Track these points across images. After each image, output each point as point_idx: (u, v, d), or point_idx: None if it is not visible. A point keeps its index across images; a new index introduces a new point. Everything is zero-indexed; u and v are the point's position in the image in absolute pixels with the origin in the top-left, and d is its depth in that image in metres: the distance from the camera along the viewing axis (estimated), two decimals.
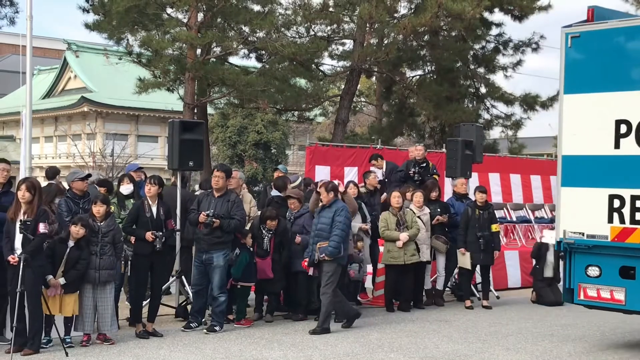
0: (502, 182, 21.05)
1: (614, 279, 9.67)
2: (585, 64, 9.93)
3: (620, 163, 9.55)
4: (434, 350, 9.95)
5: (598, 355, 9.69)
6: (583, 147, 9.92)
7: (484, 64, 27.52)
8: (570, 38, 9.97)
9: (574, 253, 10.02)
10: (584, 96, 9.89)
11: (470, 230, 13.53)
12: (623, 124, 9.52)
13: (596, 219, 9.72)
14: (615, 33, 9.75)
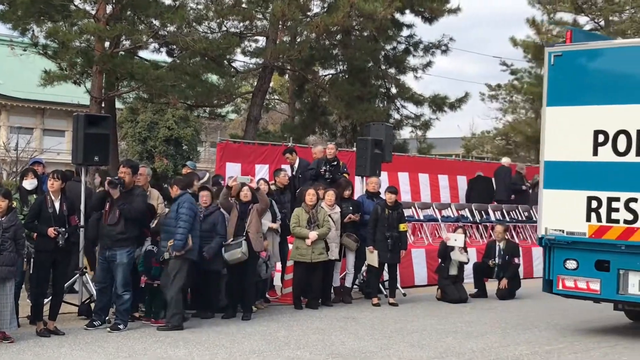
0: (411, 181, 21.33)
1: (590, 271, 10.80)
2: (566, 80, 11.10)
3: (598, 168, 10.75)
4: (340, 347, 10.00)
5: (499, 352, 9.90)
6: (564, 154, 11.09)
7: (395, 64, 27.85)
8: (553, 57, 11.17)
9: (554, 248, 11.16)
10: (565, 108, 11.09)
11: (379, 229, 13.66)
12: (601, 134, 10.72)
13: (575, 218, 10.88)
14: (593, 54, 11.15)
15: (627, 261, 10.56)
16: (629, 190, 10.52)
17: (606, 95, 10.76)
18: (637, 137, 10.46)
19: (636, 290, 10.48)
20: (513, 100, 39.76)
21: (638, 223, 10.44)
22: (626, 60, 10.81)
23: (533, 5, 32.19)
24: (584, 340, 10.86)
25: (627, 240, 10.48)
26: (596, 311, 13.55)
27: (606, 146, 10.70)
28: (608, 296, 10.80)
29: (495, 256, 15.38)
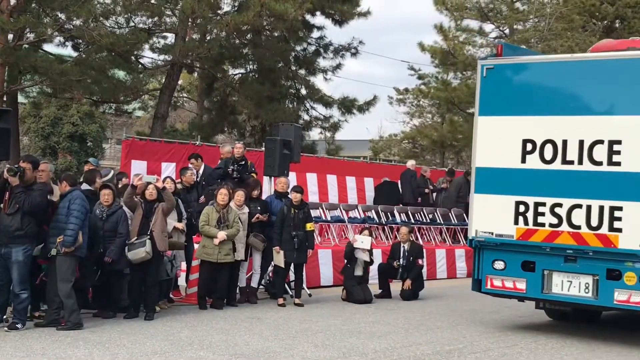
0: (319, 182, 21.45)
1: (517, 271, 11.45)
2: (497, 91, 11.70)
3: (526, 175, 11.38)
4: (244, 347, 9.95)
5: (401, 352, 10.03)
6: (494, 161, 11.70)
7: (305, 65, 27.98)
8: (485, 69, 11.74)
9: (483, 249, 11.78)
10: (496, 118, 11.71)
11: (286, 228, 13.66)
12: (529, 142, 11.36)
13: (504, 221, 11.49)
14: (522, 67, 11.84)
15: (551, 262, 11.23)
16: (554, 196, 11.16)
17: (534, 106, 11.38)
18: (562, 147, 11.09)
19: (559, 290, 11.18)
20: (420, 104, 40.43)
21: (562, 227, 11.06)
22: (552, 75, 11.48)
23: (441, 12, 32.79)
24: (485, 340, 11.10)
25: (552, 243, 11.14)
26: (501, 312, 13.89)
27: (534, 154, 11.32)
28: (533, 295, 11.46)
29: (399, 257, 15.58)
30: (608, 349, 10.74)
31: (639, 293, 10.51)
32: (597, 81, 11.02)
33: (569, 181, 11.08)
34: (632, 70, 10.74)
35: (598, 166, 10.86)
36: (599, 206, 10.82)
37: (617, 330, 12.36)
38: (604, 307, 11.41)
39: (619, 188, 10.68)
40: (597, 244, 10.82)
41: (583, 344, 11.06)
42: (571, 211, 11.03)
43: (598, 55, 11.55)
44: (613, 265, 10.75)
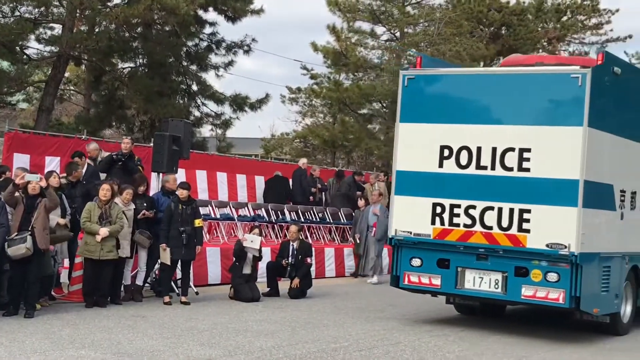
0: (209, 179, 21.26)
1: (433, 268, 12.22)
2: (417, 100, 12.51)
3: (443, 179, 12.13)
4: (127, 345, 9.76)
5: (288, 350, 10.04)
6: (414, 165, 12.45)
7: (197, 61, 27.65)
8: (407, 79, 12.51)
9: (402, 247, 12.49)
10: (416, 125, 12.46)
11: (174, 225, 13.49)
12: (446, 149, 12.12)
13: (421, 221, 12.21)
14: (441, 78, 12.70)
15: (464, 260, 12.01)
16: (468, 199, 11.92)
17: (451, 115, 12.16)
18: (477, 153, 11.90)
19: (471, 285, 11.98)
20: (312, 104, 40.60)
21: (475, 227, 11.84)
22: (468, 86, 12.34)
23: (334, 13, 33.00)
24: (370, 338, 11.24)
25: (466, 242, 11.93)
26: (386, 311, 14.10)
27: (450, 160, 12.09)
28: (447, 290, 12.32)
29: (288, 256, 15.60)
30: (489, 346, 11.04)
31: (543, 289, 11.37)
32: (509, 93, 11.83)
33: (483, 185, 11.83)
34: (540, 84, 11.64)
35: (509, 172, 11.66)
36: (509, 208, 11.60)
37: (507, 327, 12.72)
38: (512, 302, 12.24)
39: (528, 192, 11.47)
40: (507, 244, 11.60)
41: (465, 342, 11.33)
42: (484, 213, 11.78)
43: (509, 69, 12.48)
44: (521, 263, 11.57)
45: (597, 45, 48.61)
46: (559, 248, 11.20)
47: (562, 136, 11.34)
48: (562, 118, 11.42)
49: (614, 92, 11.92)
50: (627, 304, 12.83)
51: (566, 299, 11.24)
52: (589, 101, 11.13)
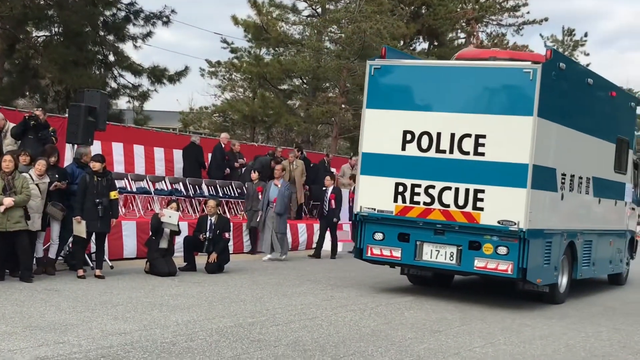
0: (126, 152, 20.91)
1: (394, 242, 13.33)
2: (382, 88, 13.55)
3: (405, 161, 13.18)
4: (39, 319, 9.54)
5: (204, 324, 9.98)
6: (379, 148, 13.49)
7: (114, 31, 27.11)
8: (373, 68, 13.54)
9: (366, 223, 13.56)
10: (381, 111, 13.51)
11: (88, 197, 13.23)
12: (409, 133, 13.21)
13: (385, 199, 13.29)
14: (404, 69, 13.70)
15: (423, 234, 13.18)
16: (428, 179, 13.05)
17: (414, 103, 13.32)
18: (437, 138, 13.01)
19: (428, 257, 13.17)
20: (232, 78, 40.26)
21: (434, 205, 13.01)
22: (430, 76, 13.44)
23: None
24: (287, 313, 11.25)
25: (425, 218, 13.09)
26: (303, 285, 14.14)
27: (412, 144, 13.18)
28: (407, 262, 13.44)
29: (206, 230, 15.49)
30: (404, 321, 11.19)
31: (494, 261, 12.65)
32: (467, 84, 13.01)
33: (442, 167, 12.96)
34: (495, 77, 12.92)
35: (466, 155, 12.81)
36: (465, 189, 12.80)
37: (448, 297, 12.94)
38: (465, 272, 13.49)
39: (483, 174, 12.69)
40: (463, 220, 12.81)
41: (381, 317, 11.46)
42: (442, 192, 12.95)
43: (468, 63, 13.46)
44: (474, 237, 12.80)
45: (514, 28, 49.54)
46: (509, 225, 12.44)
47: (514, 124, 12.53)
48: (514, 108, 12.59)
49: (559, 85, 13.14)
50: (563, 276, 14.21)
51: (514, 270, 12.48)
52: (539, 93, 12.33)
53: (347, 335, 9.84)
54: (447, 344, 9.75)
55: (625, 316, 13.28)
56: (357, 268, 17.44)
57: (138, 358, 7.93)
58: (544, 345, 10.09)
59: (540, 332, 11.10)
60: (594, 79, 14.76)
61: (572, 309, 13.54)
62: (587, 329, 11.64)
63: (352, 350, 8.98)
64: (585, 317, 12.72)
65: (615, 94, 16.09)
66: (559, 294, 14.11)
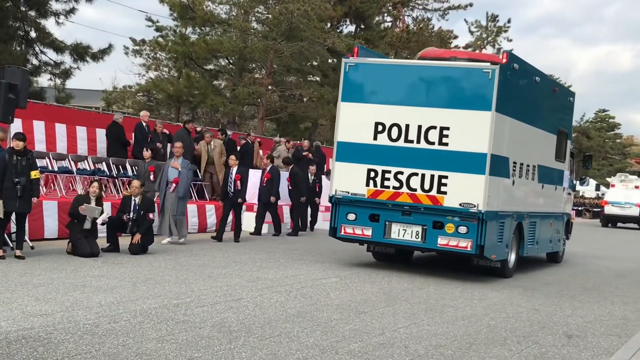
0: (47, 130, 20.49)
1: (365, 221, 14.82)
2: (355, 83, 15.00)
3: (377, 149, 14.64)
4: None
5: (128, 305, 9.85)
6: (352, 137, 14.95)
7: (36, 7, 26.45)
8: (347, 66, 15.00)
9: (340, 204, 15.05)
10: (355, 105, 14.96)
11: (7, 176, 12.91)
12: (380, 124, 14.68)
13: (358, 183, 14.78)
14: (375, 67, 15.13)
15: (391, 215, 14.62)
16: (397, 166, 14.48)
17: (385, 97, 14.69)
18: (405, 129, 14.44)
19: (396, 236, 14.65)
20: (157, 57, 39.69)
21: (402, 189, 14.44)
22: (398, 74, 14.81)
23: None
24: (212, 294, 11.20)
25: (394, 201, 14.53)
26: (229, 267, 14.08)
27: (383, 134, 14.62)
28: (377, 239, 14.89)
29: (130, 211, 15.29)
30: (330, 302, 11.26)
31: (455, 239, 14.17)
32: (433, 81, 14.51)
33: (410, 155, 14.38)
34: (458, 75, 14.32)
35: (431, 145, 14.25)
36: (430, 175, 14.25)
37: (387, 276, 13.04)
38: (429, 249, 14.95)
39: (446, 162, 14.13)
40: (428, 203, 14.28)
41: (306, 298, 11.51)
42: (410, 178, 14.39)
43: (433, 62, 14.91)
44: (438, 218, 14.30)
45: (440, 12, 50.10)
46: (470, 207, 13.95)
47: (474, 118, 13.99)
48: (474, 103, 14.02)
49: (512, 83, 14.64)
50: (512, 253, 15.88)
51: (473, 247, 14.06)
52: (497, 91, 13.84)
53: (273, 316, 9.86)
54: (372, 324, 9.86)
55: (545, 297, 13.63)
56: (281, 250, 17.48)
57: (60, 340, 7.80)
58: (467, 326, 10.28)
59: (462, 312, 11.31)
60: (540, 77, 16.23)
61: (492, 290, 13.85)
62: (507, 309, 11.91)
63: (278, 331, 9.00)
64: (505, 299, 13.01)
65: (557, 90, 17.94)
66: (508, 269, 15.74)
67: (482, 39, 64.01)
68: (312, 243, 19.50)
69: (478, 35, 64.32)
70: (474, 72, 14.16)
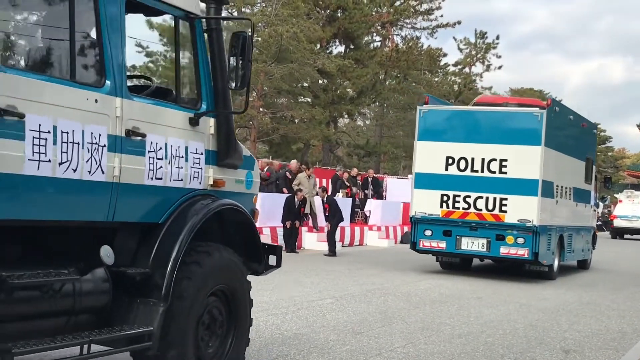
0: None
1: (439, 236, 18.24)
2: (429, 125, 18.40)
3: (448, 178, 18.10)
4: None
5: None
6: (427, 168, 18.38)
7: None
8: (422, 112, 18.44)
9: (418, 223, 18.42)
10: (428, 142, 18.37)
11: None
12: (450, 158, 18.10)
13: (433, 205, 18.22)
14: (444, 112, 18.77)
15: (461, 231, 18.04)
16: (465, 191, 17.92)
17: (452, 136, 18.09)
18: (471, 161, 17.89)
19: (465, 247, 18.06)
20: None
21: (470, 209, 17.88)
22: (463, 117, 18.43)
23: None
24: None
25: (463, 219, 17.96)
26: None
27: (453, 165, 18.06)
28: (450, 250, 18.31)
29: None
30: (326, 324, 11.21)
31: (514, 248, 17.66)
32: (492, 123, 17.92)
33: (475, 182, 17.81)
34: (513, 118, 17.96)
35: (493, 174, 17.74)
36: (493, 197, 17.71)
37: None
38: (492, 257, 18.56)
39: (505, 187, 17.59)
40: (491, 219, 17.74)
41: (302, 320, 11.45)
42: (476, 200, 17.84)
43: (492, 108, 18.54)
44: (500, 232, 17.77)
45: (429, 31, 50.28)
46: (526, 222, 17.44)
47: (527, 151, 17.47)
48: (527, 140, 17.48)
49: (555, 122, 18.13)
50: (556, 259, 19.15)
51: (530, 254, 17.55)
52: (545, 130, 17.38)
53: (269, 339, 9.81)
54: (369, 345, 9.81)
55: (541, 312, 13.61)
56: (274, 272, 17.41)
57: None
58: (464, 344, 10.25)
59: (459, 330, 11.28)
60: (573, 115, 20.24)
61: (488, 307, 13.80)
62: (504, 326, 11.87)
63: (275, 354, 8.95)
64: (501, 315, 12.98)
65: (585, 125, 21.61)
66: (554, 272, 19.08)
67: (471, 56, 64.37)
68: (305, 264, 19.47)
69: (467, 52, 64.68)
70: (526, 115, 17.79)
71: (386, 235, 27.99)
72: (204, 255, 6.53)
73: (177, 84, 6.63)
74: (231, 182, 7.16)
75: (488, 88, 65.95)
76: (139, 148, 5.98)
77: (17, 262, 5.49)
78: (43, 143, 5.10)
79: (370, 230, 27.83)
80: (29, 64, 5.71)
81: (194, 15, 6.62)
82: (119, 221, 5.97)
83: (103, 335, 5.68)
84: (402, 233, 29.38)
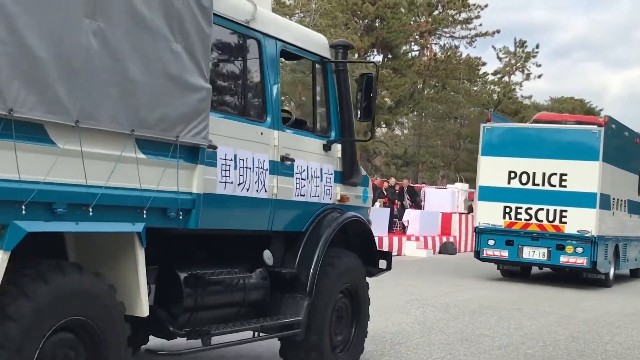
0: None
1: (502, 245, 19.12)
2: (492, 141, 19.38)
3: (510, 191, 19.02)
4: None
5: None
6: (491, 182, 19.29)
7: None
8: (485, 129, 19.44)
9: (482, 233, 19.32)
10: (492, 158, 19.30)
11: None
12: (512, 172, 19.02)
13: (496, 217, 19.11)
14: (505, 129, 19.90)
15: (523, 240, 18.93)
16: (527, 203, 18.81)
17: (514, 151, 19.00)
18: (532, 175, 18.82)
19: (527, 256, 18.99)
20: None
21: (531, 220, 18.77)
22: (525, 134, 19.43)
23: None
24: None
25: (525, 230, 18.87)
26: None
27: (515, 179, 19.00)
28: (512, 259, 19.19)
29: None
30: None
31: (574, 257, 18.50)
32: (553, 139, 18.80)
33: (537, 195, 18.73)
34: (573, 135, 18.86)
35: (553, 187, 18.66)
36: (553, 209, 18.61)
37: None
38: (553, 266, 19.51)
39: (565, 199, 18.49)
40: (552, 230, 18.67)
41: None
42: (537, 212, 18.75)
43: (553, 125, 19.44)
44: (560, 242, 18.65)
45: (467, 40, 50.10)
46: (585, 232, 18.29)
47: (586, 166, 18.36)
48: (586, 155, 18.38)
49: (611, 139, 19.04)
50: (612, 268, 19.98)
51: (588, 263, 18.34)
52: (602, 146, 18.32)
53: None
54: (408, 355, 9.76)
55: (582, 324, 13.46)
56: None
57: None
58: (503, 356, 10.16)
59: (499, 342, 11.18)
60: (627, 131, 21.18)
61: (528, 318, 13.66)
62: (544, 338, 11.75)
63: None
64: (542, 327, 12.85)
65: (638, 141, 22.38)
66: (610, 280, 19.85)
67: (511, 65, 63.97)
68: None
69: (506, 61, 64.27)
70: (585, 133, 18.69)
71: (424, 245, 27.77)
72: (336, 259, 7.83)
73: (314, 116, 8.10)
74: (353, 197, 8.46)
75: (528, 97, 65.51)
76: (289, 170, 7.34)
77: (204, 263, 6.73)
78: (228, 168, 6.46)
79: (409, 240, 27.59)
80: (219, 106, 6.83)
81: (326, 59, 8.09)
82: (275, 230, 7.25)
83: (268, 322, 7.01)
84: (441, 243, 29.22)
